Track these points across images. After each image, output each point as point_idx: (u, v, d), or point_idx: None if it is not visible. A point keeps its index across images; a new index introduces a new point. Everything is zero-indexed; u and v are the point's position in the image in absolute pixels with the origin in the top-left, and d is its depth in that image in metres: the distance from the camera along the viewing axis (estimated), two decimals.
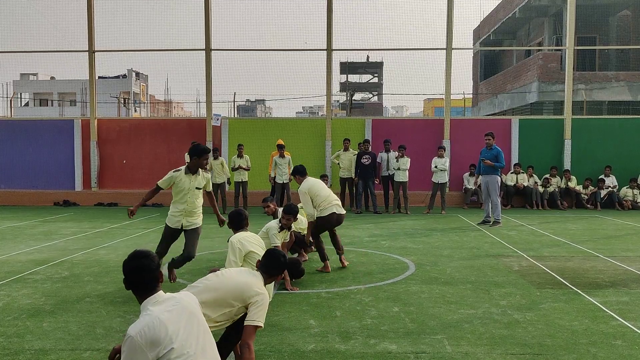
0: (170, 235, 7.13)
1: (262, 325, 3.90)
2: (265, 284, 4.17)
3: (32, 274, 7.86)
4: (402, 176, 15.46)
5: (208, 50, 17.86)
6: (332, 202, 8.10)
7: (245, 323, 3.89)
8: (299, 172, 8.28)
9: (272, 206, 8.71)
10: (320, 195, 8.04)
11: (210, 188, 7.27)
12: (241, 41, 20.46)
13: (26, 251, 9.68)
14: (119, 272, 7.71)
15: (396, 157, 15.51)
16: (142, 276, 3.15)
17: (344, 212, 8.25)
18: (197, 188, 6.97)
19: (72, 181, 18.42)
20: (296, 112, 54.39)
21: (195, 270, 7.93)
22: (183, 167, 7.01)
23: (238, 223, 6.10)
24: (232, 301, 3.96)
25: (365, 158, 15.58)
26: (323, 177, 13.77)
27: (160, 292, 3.16)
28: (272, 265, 4.27)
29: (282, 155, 15.48)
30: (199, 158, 6.88)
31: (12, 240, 10.97)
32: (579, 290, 6.78)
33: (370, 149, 15.92)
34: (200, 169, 7.01)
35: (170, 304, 3.17)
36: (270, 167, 15.68)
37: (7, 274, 7.87)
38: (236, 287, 4.00)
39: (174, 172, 7.00)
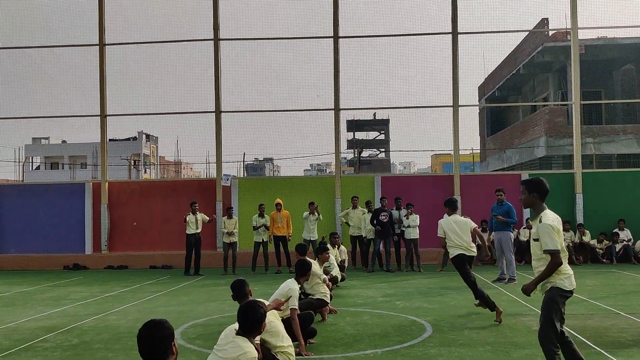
0: None
1: None
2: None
3: (42, 341, 7.73)
4: (413, 233, 15.33)
5: (218, 112, 18.11)
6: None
7: None
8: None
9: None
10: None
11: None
12: (250, 101, 20.75)
13: (36, 317, 9.55)
14: (129, 338, 7.59)
15: (406, 215, 15.43)
16: (150, 345, 3.21)
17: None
18: None
19: (82, 244, 18.38)
20: (304, 170, 54.67)
21: (206, 335, 7.79)
22: None
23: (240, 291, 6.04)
24: None
25: (383, 215, 15.43)
26: (333, 236, 13.69)
27: None
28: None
29: (312, 212, 15.68)
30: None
31: (22, 306, 10.85)
32: (602, 350, 6.58)
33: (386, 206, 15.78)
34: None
35: None
36: (272, 225, 15.67)
37: (16, 342, 7.74)
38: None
39: None
